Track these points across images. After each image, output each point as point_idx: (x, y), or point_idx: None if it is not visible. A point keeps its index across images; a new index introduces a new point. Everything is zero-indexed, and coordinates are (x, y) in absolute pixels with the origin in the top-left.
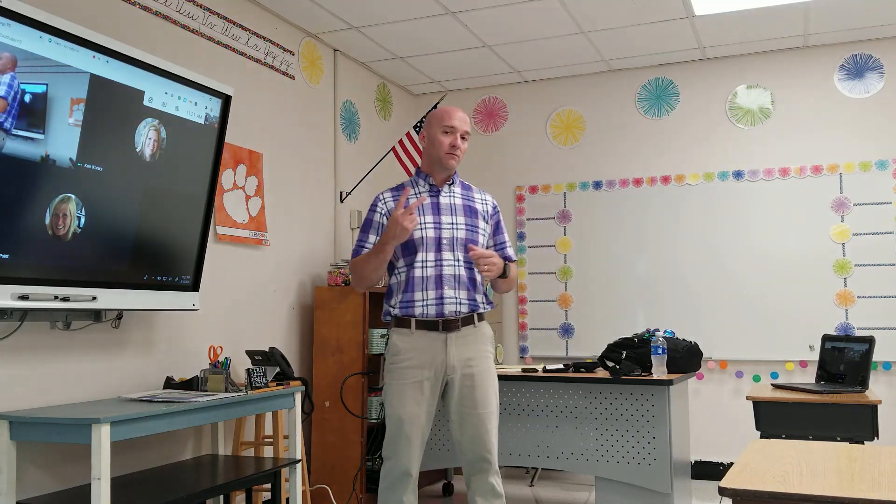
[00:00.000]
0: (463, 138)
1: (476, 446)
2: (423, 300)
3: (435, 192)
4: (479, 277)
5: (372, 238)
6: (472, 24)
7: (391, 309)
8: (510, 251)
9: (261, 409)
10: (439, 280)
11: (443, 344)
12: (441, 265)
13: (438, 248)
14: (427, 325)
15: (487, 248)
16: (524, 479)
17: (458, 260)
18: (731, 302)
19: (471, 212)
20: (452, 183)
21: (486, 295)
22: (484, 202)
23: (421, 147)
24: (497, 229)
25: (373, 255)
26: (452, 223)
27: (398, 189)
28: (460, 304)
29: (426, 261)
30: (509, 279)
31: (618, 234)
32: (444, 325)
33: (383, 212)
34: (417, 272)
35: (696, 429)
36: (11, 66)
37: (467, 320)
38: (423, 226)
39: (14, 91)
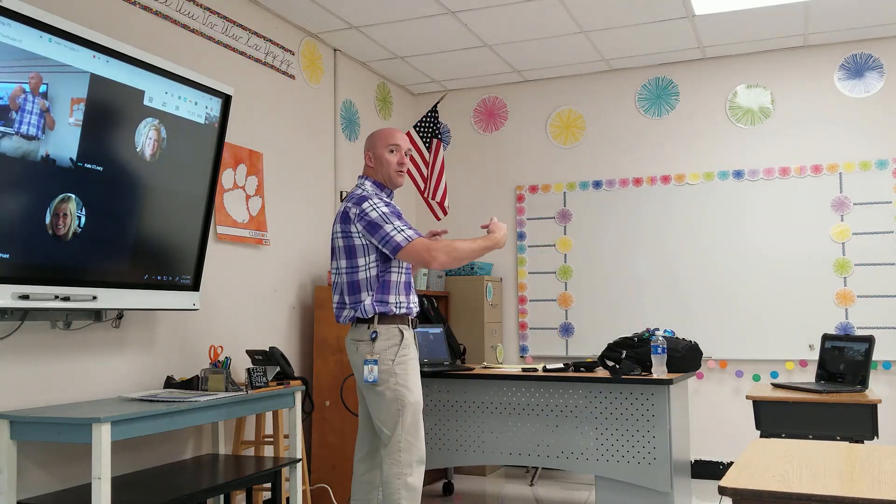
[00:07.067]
0: (406, 155)
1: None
2: (413, 302)
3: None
4: None
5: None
6: (472, 24)
7: (392, 308)
8: None
9: (261, 408)
10: (411, 285)
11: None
12: (409, 271)
13: None
14: (413, 322)
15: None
16: (524, 479)
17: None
18: (731, 301)
19: None
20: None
21: None
22: None
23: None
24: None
25: (481, 250)
26: None
27: (380, 195)
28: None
29: (402, 266)
30: None
31: (618, 233)
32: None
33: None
34: (404, 277)
35: (696, 428)
36: (39, 80)
37: None
38: None
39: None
